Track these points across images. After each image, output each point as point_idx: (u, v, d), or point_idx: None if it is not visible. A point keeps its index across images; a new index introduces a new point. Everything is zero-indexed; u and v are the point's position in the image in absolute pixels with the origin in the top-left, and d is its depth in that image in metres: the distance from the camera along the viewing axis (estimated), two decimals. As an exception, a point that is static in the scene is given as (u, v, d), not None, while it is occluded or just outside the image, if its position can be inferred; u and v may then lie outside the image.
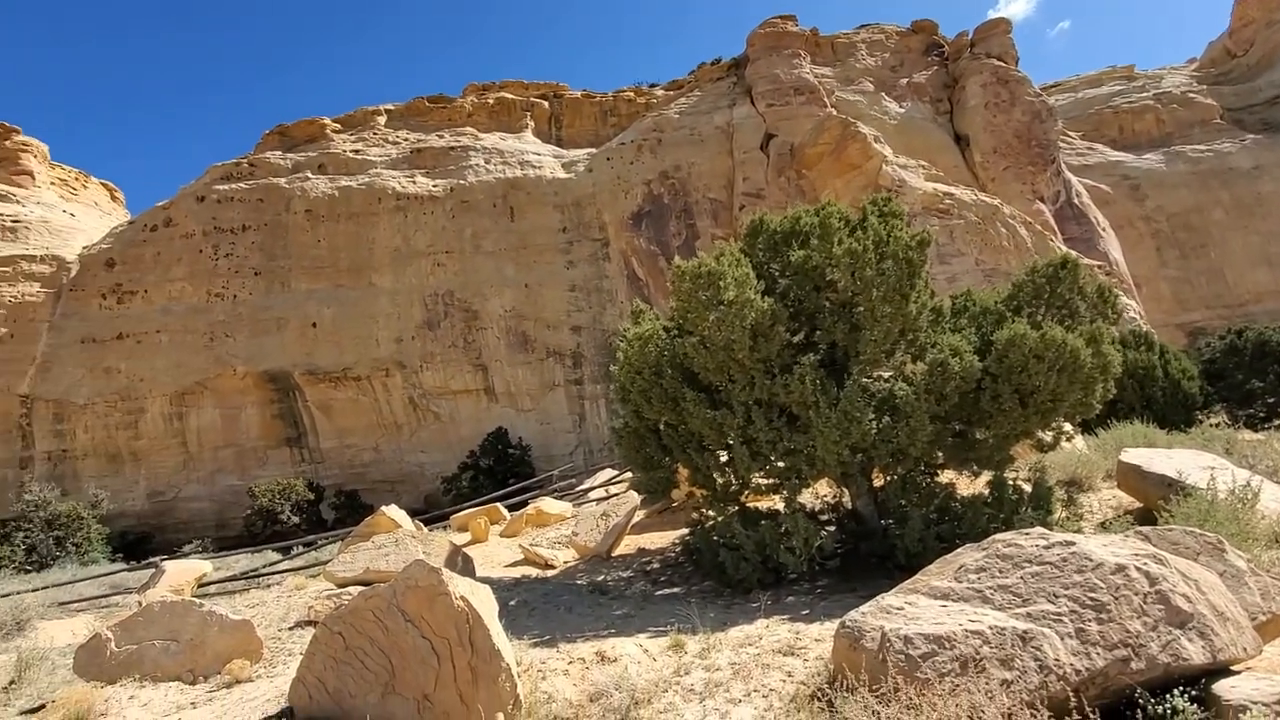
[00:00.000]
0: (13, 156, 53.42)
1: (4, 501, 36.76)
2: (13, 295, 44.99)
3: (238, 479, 37.18)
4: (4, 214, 49.27)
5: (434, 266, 39.07)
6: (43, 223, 49.56)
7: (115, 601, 14.58)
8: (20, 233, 48.48)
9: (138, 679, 6.20)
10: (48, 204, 52.04)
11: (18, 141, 54.59)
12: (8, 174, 52.55)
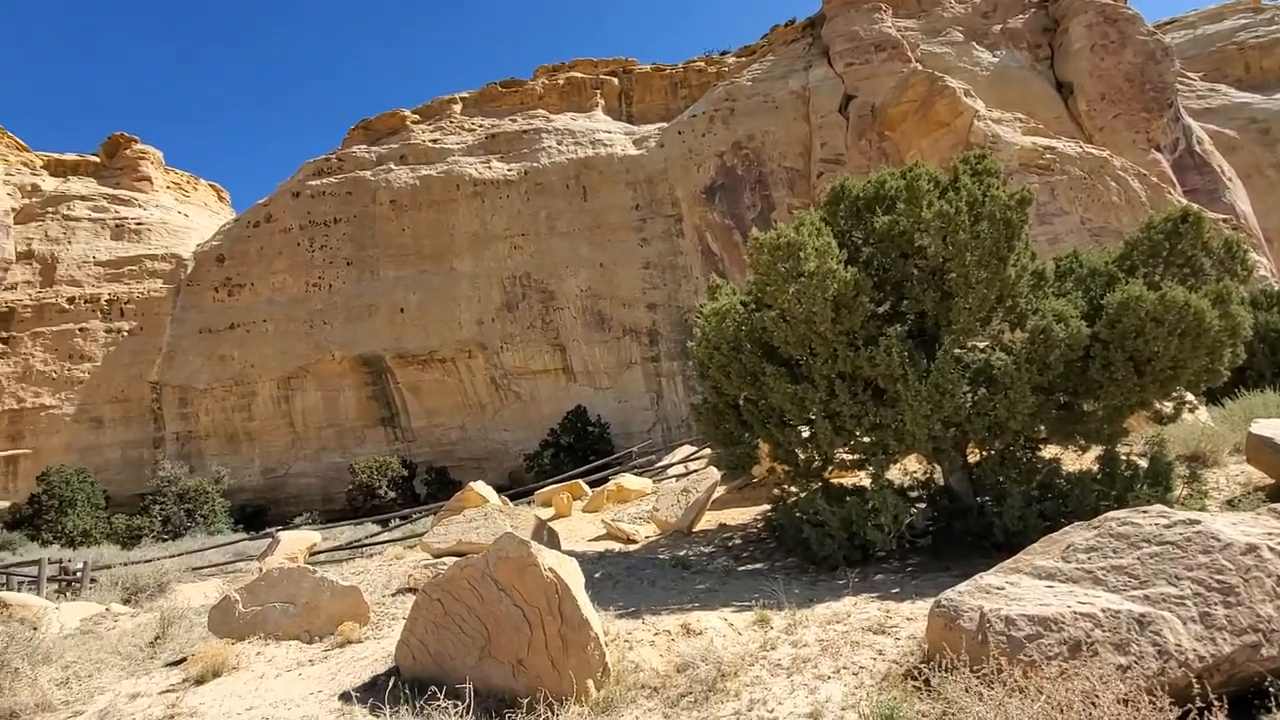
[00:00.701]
0: (133, 165, 58.45)
1: (141, 478, 40.94)
2: (140, 291, 49.53)
3: (339, 456, 39.79)
4: (128, 217, 54.12)
5: (511, 249, 39.99)
6: (162, 224, 54.11)
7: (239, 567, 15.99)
8: (143, 234, 53.16)
9: (262, 637, 6.78)
10: (165, 206, 56.72)
11: (137, 150, 59.59)
12: (130, 181, 57.58)
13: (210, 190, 64.84)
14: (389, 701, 4.54)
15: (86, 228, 53.04)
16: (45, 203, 54.52)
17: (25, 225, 52.77)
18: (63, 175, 58.59)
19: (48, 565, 13.94)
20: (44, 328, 48.81)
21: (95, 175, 58.59)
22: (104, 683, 6.06)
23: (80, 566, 14.30)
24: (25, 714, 5.18)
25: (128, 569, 13.58)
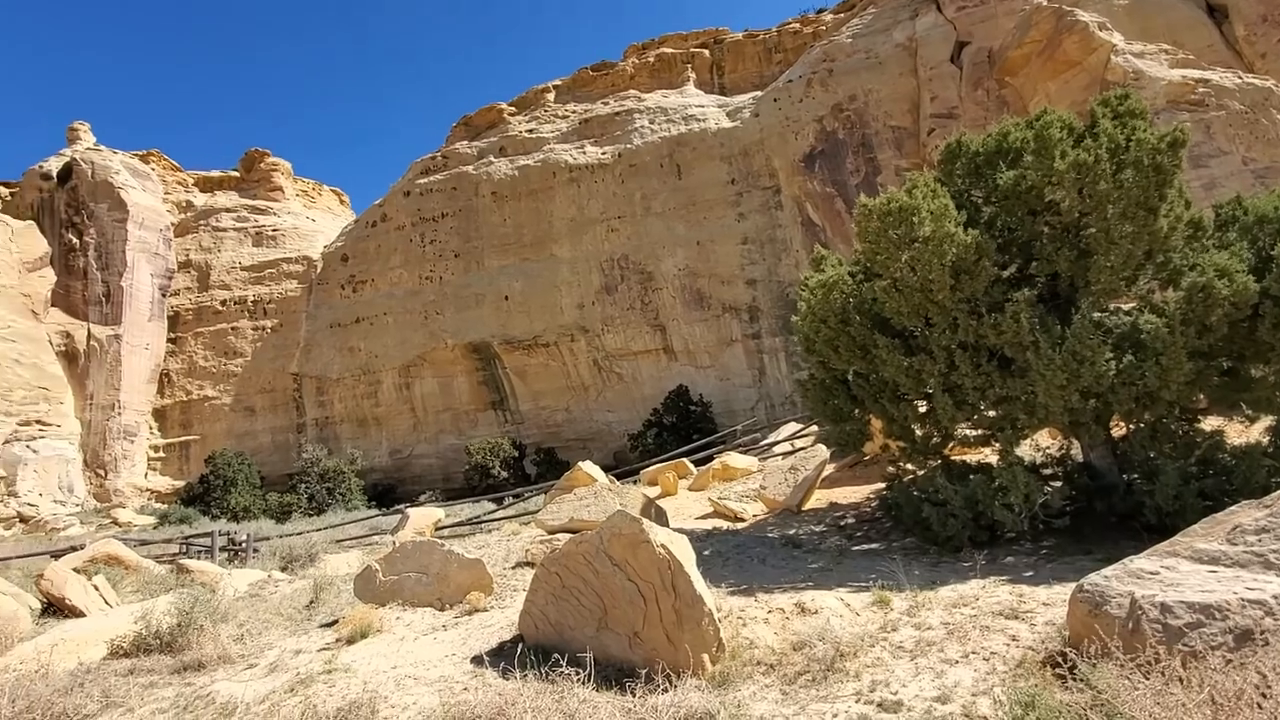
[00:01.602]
0: (267, 177, 64.10)
1: (289, 459, 45.44)
2: (279, 292, 54.57)
3: (456, 439, 42.26)
4: (265, 225, 59.58)
5: (608, 233, 40.46)
6: (293, 229, 59.20)
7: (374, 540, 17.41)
8: (279, 240, 58.40)
9: (401, 603, 7.35)
10: (295, 213, 61.96)
11: (269, 163, 65.24)
12: (265, 191, 63.26)
13: (333, 195, 70.05)
14: (518, 666, 4.78)
15: (232, 236, 58.96)
16: (197, 216, 61.06)
17: (183, 238, 59.38)
18: (210, 191, 65.30)
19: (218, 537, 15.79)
20: (203, 328, 54.96)
21: (236, 189, 64.86)
22: (271, 639, 6.80)
23: (244, 538, 16.08)
24: (210, 665, 5.92)
25: (283, 541, 15.13)
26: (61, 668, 5.94)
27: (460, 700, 4.64)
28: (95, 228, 54.69)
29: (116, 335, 51.67)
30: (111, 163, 57.57)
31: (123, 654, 6.38)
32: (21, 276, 50.52)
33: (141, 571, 12.37)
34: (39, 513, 39.38)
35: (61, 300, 52.67)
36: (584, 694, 4.39)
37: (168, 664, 5.98)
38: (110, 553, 12.81)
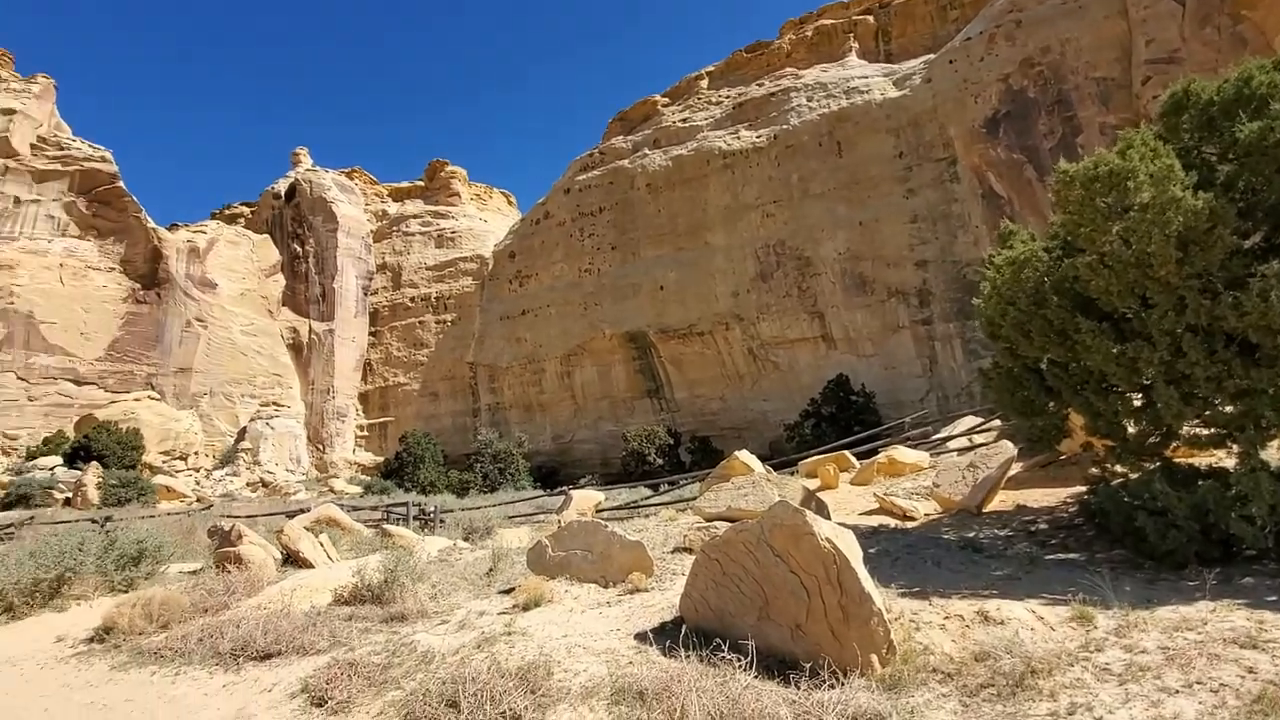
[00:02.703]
0: (446, 184, 70.44)
1: (466, 441, 49.96)
2: (457, 288, 59.97)
3: (613, 425, 43.91)
4: (445, 228, 65.60)
5: (763, 218, 39.63)
6: (469, 230, 64.68)
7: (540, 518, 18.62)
8: (456, 241, 64.12)
9: (568, 577, 7.80)
10: (470, 215, 67.62)
11: (448, 171, 71.55)
12: (444, 197, 69.60)
13: (501, 197, 75.39)
14: (683, 646, 4.87)
15: (419, 240, 65.72)
16: (391, 223, 68.76)
17: (380, 243, 67.17)
18: (400, 200, 73.23)
19: (412, 507, 17.77)
20: (396, 322, 61.90)
21: (422, 196, 72.09)
22: (459, 600, 7.53)
23: (433, 509, 17.94)
24: (411, 617, 6.69)
25: (464, 514, 16.69)
26: (298, 609, 7.03)
27: (626, 673, 4.82)
28: (313, 238, 63.57)
29: (330, 330, 59.81)
30: (324, 181, 66.49)
31: (343, 601, 7.40)
32: (260, 282, 60.19)
33: (354, 533, 14.29)
34: (275, 479, 46.82)
35: (289, 300, 61.94)
36: (746, 680, 4.38)
37: (378, 613, 6.84)
38: (330, 515, 14.94)
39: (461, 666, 4.93)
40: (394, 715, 4.42)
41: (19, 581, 7.82)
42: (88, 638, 6.72)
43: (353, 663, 5.16)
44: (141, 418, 46.09)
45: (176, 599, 7.10)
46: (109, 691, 5.38)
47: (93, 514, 21.13)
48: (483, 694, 4.33)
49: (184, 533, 13.39)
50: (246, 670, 5.53)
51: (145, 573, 9.14)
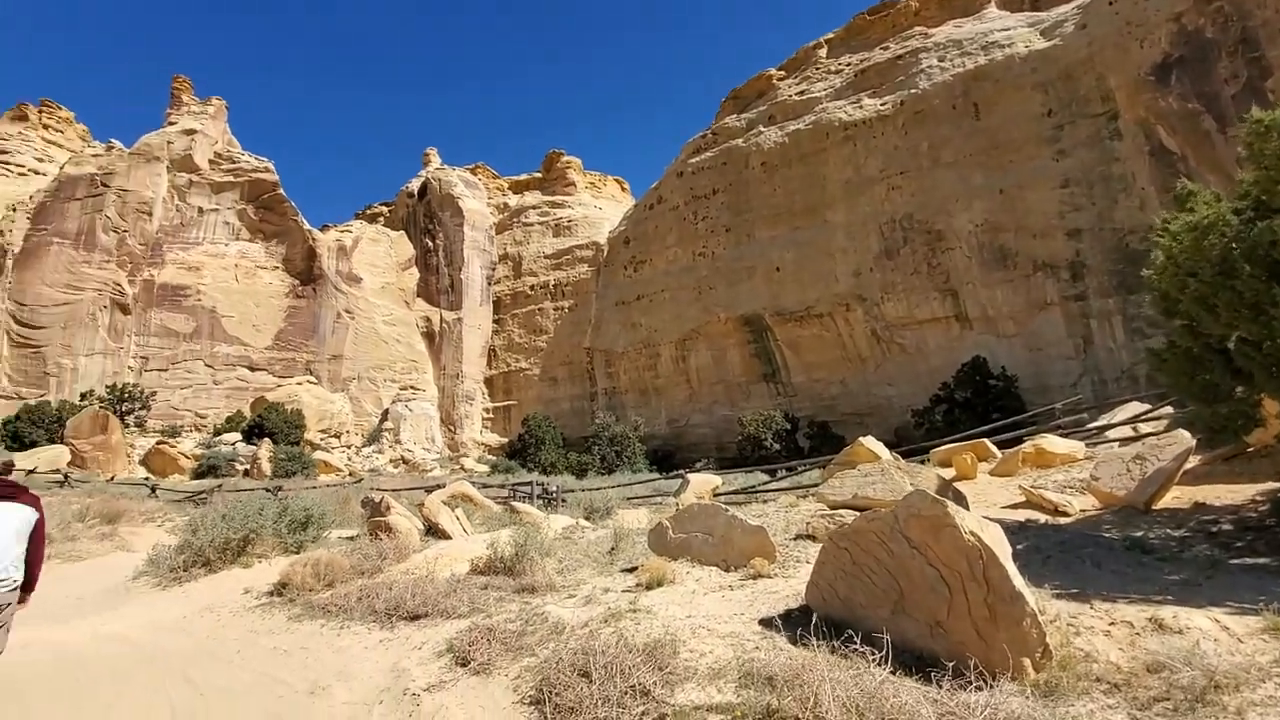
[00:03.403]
0: (562, 174, 72.49)
1: (584, 424, 51.57)
2: (574, 275, 61.74)
3: (728, 409, 43.59)
4: (562, 217, 67.61)
5: (888, 191, 37.47)
6: (584, 219, 66.30)
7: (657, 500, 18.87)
8: (572, 229, 65.94)
9: (689, 560, 7.84)
10: (585, 204, 69.24)
11: (564, 161, 73.56)
12: (560, 187, 71.69)
13: (615, 184, 76.50)
14: (812, 634, 4.75)
15: (537, 230, 68.24)
16: (511, 215, 71.86)
17: (501, 234, 70.45)
18: (520, 192, 76.32)
19: (535, 486, 18.63)
20: (518, 310, 64.80)
21: (539, 188, 74.71)
22: (583, 576, 7.79)
23: (555, 489, 18.71)
24: (540, 590, 7.01)
25: (585, 494, 17.25)
26: (441, 576, 7.57)
27: (753, 657, 4.78)
28: (443, 232, 67.77)
29: (459, 318, 63.70)
30: (451, 178, 70.56)
31: (479, 571, 7.89)
32: (398, 275, 65.14)
33: (484, 508, 15.20)
34: (414, 457, 50.78)
35: (423, 291, 66.56)
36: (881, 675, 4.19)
37: (510, 584, 7.22)
38: (463, 492, 15.98)
39: (590, 639, 5.09)
40: (530, 680, 4.64)
41: (214, 541, 9.02)
42: (268, 591, 7.62)
43: (491, 628, 5.48)
44: (303, 400, 51.61)
45: (339, 561, 7.88)
46: (287, 639, 6.08)
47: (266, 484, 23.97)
48: (612, 667, 4.45)
49: (340, 502, 14.83)
50: (399, 628, 6.03)
51: (312, 537, 10.23)
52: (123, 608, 7.74)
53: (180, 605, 7.55)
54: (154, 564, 9.25)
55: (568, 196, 69.77)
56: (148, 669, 5.57)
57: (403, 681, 4.87)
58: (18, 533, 4.28)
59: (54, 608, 7.77)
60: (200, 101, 65.18)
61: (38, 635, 6.41)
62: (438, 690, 4.69)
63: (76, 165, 57.64)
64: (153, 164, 58.26)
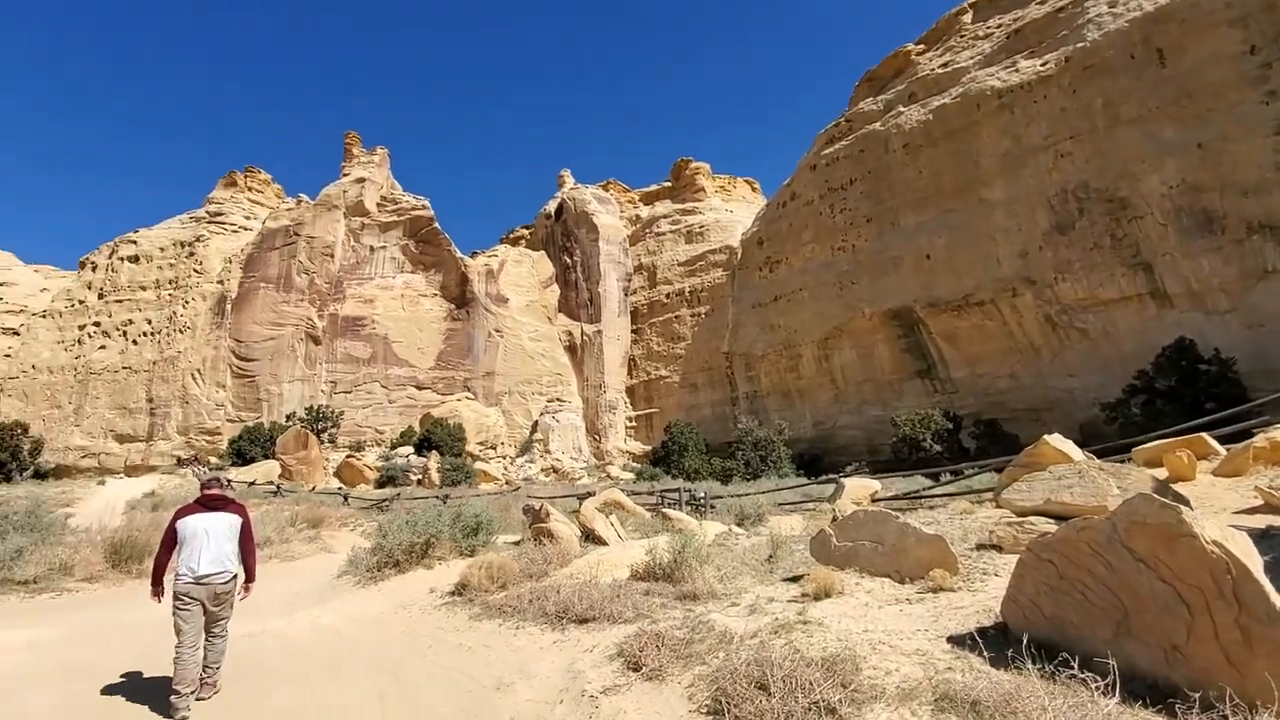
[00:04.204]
0: (691, 181, 72.84)
1: (726, 429, 51.11)
2: (708, 281, 61.68)
3: (879, 410, 41.18)
4: (693, 224, 67.87)
5: (1056, 159, 33.65)
6: (715, 223, 66.12)
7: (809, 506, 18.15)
8: (704, 235, 65.97)
9: (857, 570, 7.38)
10: (715, 208, 69.04)
11: (692, 168, 73.91)
12: (690, 194, 72.06)
13: (745, 185, 75.60)
14: (1025, 656, 4.25)
15: (669, 238, 69.04)
16: (644, 226, 73.30)
17: (635, 246, 72.05)
18: (650, 203, 77.73)
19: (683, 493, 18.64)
20: (654, 319, 65.82)
21: (670, 197, 75.62)
22: (744, 584, 7.59)
23: (702, 495, 18.60)
24: (702, 597, 6.91)
25: (734, 500, 16.98)
26: (603, 581, 7.72)
27: (947, 678, 4.35)
28: (579, 249, 70.62)
29: (599, 331, 65.90)
30: (585, 196, 73.41)
31: (639, 577, 7.95)
32: (540, 293, 68.74)
33: (636, 515, 15.43)
34: (563, 465, 53.08)
35: (563, 307, 69.69)
36: (1110, 706, 3.63)
37: (670, 591, 7.19)
38: (615, 499, 16.35)
39: (761, 650, 4.91)
40: (704, 689, 4.54)
41: (401, 544, 9.88)
42: (450, 591, 8.19)
43: (658, 635, 5.45)
44: (462, 414, 55.89)
45: (509, 565, 8.30)
46: (469, 636, 6.47)
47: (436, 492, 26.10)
48: (791, 680, 4.24)
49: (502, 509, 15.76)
50: (569, 631, 6.20)
51: (482, 541, 10.91)
52: (331, 603, 8.68)
53: (377, 602, 8.32)
54: (353, 564, 10.31)
55: (698, 202, 69.96)
56: (356, 659, 6.16)
57: (579, 683, 4.97)
58: (229, 535, 5.35)
59: (277, 602, 8.88)
60: (367, 152, 73.19)
61: (267, 626, 7.34)
62: (613, 694, 4.73)
63: (274, 220, 66.97)
64: (332, 212, 66.26)
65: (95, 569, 11.11)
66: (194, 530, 5.25)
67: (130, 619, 8.05)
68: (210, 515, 5.37)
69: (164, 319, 64.73)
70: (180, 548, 5.23)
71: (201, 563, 5.15)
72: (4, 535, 12.60)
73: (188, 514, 5.40)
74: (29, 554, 11.12)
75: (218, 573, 5.19)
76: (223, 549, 5.28)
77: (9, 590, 9.89)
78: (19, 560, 10.75)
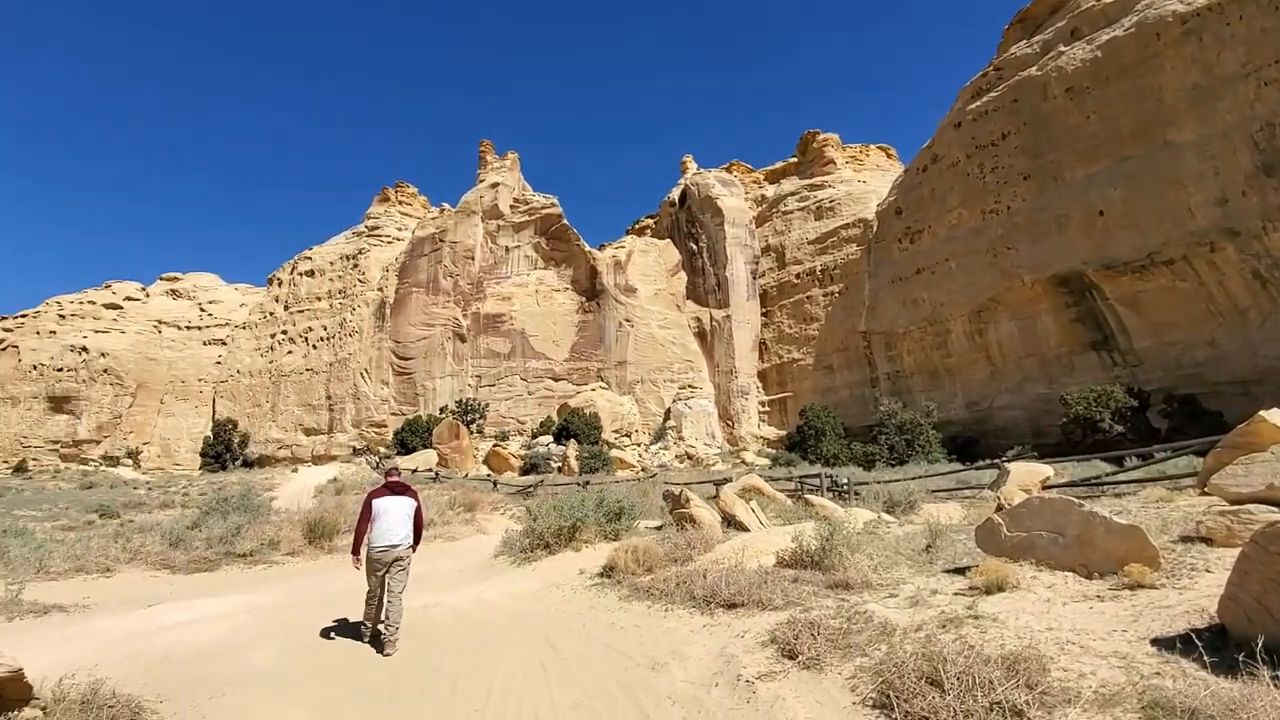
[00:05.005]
0: (819, 154, 69.77)
1: (866, 412, 48.69)
2: (840, 258, 58.96)
3: (1045, 387, 37.31)
4: (823, 198, 65.05)
5: (1258, 89, 28.55)
6: (847, 196, 62.92)
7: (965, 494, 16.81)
8: (836, 210, 63.03)
9: (1033, 563, 6.69)
10: (846, 180, 65.69)
11: (820, 140, 70.76)
12: (819, 168, 69.03)
13: (879, 152, 71.18)
14: (1260, 662, 3.63)
15: (798, 216, 66.73)
16: (769, 206, 71.39)
17: (761, 227, 70.38)
18: (776, 181, 75.45)
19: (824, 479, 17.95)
20: (784, 300, 64.04)
21: (796, 173, 73.01)
22: (901, 575, 7.14)
23: (845, 481, 17.82)
24: (855, 587, 6.59)
25: (880, 486, 16.12)
26: (749, 567, 7.60)
27: (1154, 684, 3.83)
28: (704, 234, 70.17)
29: (727, 316, 65.26)
30: (709, 180, 72.70)
31: (785, 564, 7.74)
32: (668, 281, 69.19)
33: (777, 501, 15.11)
34: (696, 452, 53.26)
35: (691, 293, 69.68)
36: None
37: (820, 579, 6.93)
38: (754, 485, 16.10)
39: (928, 644, 4.59)
40: (868, 681, 4.32)
41: (550, 527, 10.37)
42: (598, 573, 8.46)
43: (812, 623, 5.26)
44: (597, 404, 57.77)
45: (654, 548, 8.42)
46: (621, 617, 6.63)
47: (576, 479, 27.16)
48: (967, 678, 3.92)
49: (641, 495, 16.06)
50: (718, 615, 6.16)
51: (625, 526, 11.17)
52: (491, 580, 9.28)
53: (532, 581, 8.78)
54: (507, 546, 10.97)
55: (827, 176, 66.88)
56: (518, 631, 6.53)
57: (733, 667, 4.91)
58: (407, 514, 6.65)
59: (446, 578, 9.65)
60: (499, 158, 77.35)
61: (440, 599, 7.99)
62: (769, 680, 4.63)
63: (422, 229, 72.78)
64: (471, 217, 70.82)
65: (296, 544, 12.69)
66: (383, 509, 6.54)
67: (328, 588, 9.10)
68: (394, 498, 6.65)
69: (336, 325, 72.78)
70: (373, 522, 6.50)
71: (386, 535, 6.42)
72: (226, 515, 14.77)
73: (378, 495, 6.67)
74: (245, 531, 12.96)
75: (396, 544, 6.43)
76: (401, 525, 6.52)
77: (232, 561, 11.55)
78: (238, 536, 12.56)
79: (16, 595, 7.91)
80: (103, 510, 21.55)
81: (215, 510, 15.43)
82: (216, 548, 12.00)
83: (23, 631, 6.76)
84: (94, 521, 19.33)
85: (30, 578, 9.56)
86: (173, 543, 12.26)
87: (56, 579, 9.99)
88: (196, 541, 12.36)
